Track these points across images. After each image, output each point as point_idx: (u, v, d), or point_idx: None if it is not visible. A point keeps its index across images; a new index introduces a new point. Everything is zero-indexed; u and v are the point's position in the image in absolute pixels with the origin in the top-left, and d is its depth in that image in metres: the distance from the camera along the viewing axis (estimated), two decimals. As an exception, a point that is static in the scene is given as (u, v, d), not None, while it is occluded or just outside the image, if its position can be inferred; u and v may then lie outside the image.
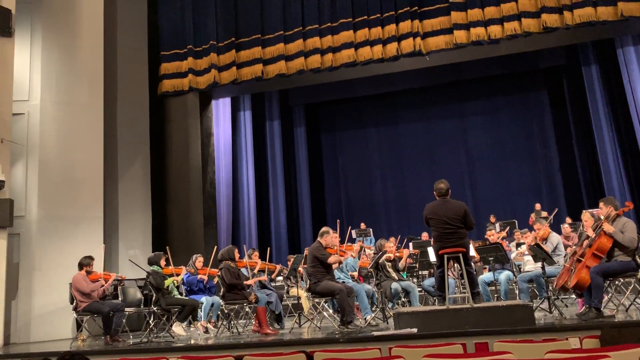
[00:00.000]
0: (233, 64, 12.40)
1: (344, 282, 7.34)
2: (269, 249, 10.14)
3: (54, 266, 9.34)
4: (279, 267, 9.55)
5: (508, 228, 11.54)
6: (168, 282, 7.74)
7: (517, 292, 7.96)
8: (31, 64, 10.08)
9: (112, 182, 11.08)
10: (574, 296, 7.48)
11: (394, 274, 8.14)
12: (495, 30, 11.12)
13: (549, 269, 7.20)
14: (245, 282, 7.67)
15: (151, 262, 7.84)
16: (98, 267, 8.08)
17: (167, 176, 12.59)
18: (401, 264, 8.54)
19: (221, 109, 14.48)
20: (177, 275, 7.98)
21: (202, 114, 12.98)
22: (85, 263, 7.73)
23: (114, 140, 11.29)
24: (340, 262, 7.12)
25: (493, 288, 8.23)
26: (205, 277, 8.34)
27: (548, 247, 7.48)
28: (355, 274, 8.39)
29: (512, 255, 8.70)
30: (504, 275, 7.98)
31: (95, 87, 10.54)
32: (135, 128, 11.84)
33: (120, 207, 11.18)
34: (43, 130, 9.87)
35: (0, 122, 8.67)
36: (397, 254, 8.52)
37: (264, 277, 8.36)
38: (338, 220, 8.06)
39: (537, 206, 12.97)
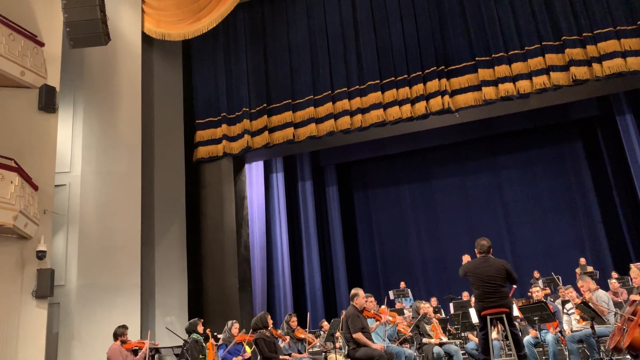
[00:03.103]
0: (265, 129, 12.71)
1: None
2: (308, 314, 9.93)
3: (93, 335, 9.36)
4: (317, 341, 9.30)
5: (552, 285, 11.11)
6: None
7: (566, 353, 7.55)
8: (73, 137, 10.53)
9: (149, 249, 11.22)
10: (628, 357, 7.04)
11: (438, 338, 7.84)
12: (524, 85, 11.15)
13: (599, 328, 6.84)
14: (281, 357, 7.43)
15: (189, 330, 7.77)
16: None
17: (202, 240, 12.72)
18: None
19: (254, 172, 14.72)
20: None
21: (236, 177, 13.21)
22: (120, 333, 7.72)
23: (151, 207, 11.52)
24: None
25: (540, 349, 7.84)
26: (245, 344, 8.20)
27: (602, 307, 7.11)
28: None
29: (565, 319, 8.29)
30: (551, 335, 7.61)
31: (133, 156, 10.90)
32: (171, 194, 12.09)
33: (157, 274, 11.26)
34: (83, 200, 10.17)
35: (43, 194, 8.97)
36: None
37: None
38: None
39: (582, 260, 12.49)
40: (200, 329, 7.88)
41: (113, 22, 10.64)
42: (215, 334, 9.23)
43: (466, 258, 6.65)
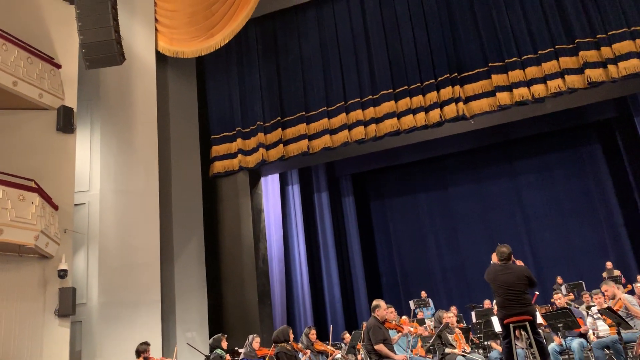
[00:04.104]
0: (280, 142, 12.76)
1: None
2: (331, 327, 9.87)
3: (115, 352, 9.40)
4: (337, 352, 9.23)
5: (575, 290, 10.93)
6: None
7: (593, 360, 7.41)
8: (91, 156, 10.66)
9: (168, 265, 11.28)
10: (657, 363, 6.88)
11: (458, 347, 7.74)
12: (538, 89, 11.06)
13: (626, 333, 6.70)
14: None
15: (213, 347, 7.77)
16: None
17: (220, 255, 12.75)
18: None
19: (270, 185, 14.76)
20: None
21: (252, 191, 13.26)
22: (142, 350, 7.74)
23: (169, 224, 11.60)
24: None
25: (566, 357, 7.70)
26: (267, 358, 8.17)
27: (636, 309, 6.98)
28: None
29: (589, 321, 8.14)
30: (576, 342, 7.47)
31: (150, 174, 11.00)
32: (189, 210, 12.16)
33: (177, 290, 11.29)
34: (103, 219, 10.26)
35: (63, 213, 9.08)
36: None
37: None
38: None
39: (608, 264, 12.25)
40: (224, 344, 7.87)
41: (127, 42, 10.80)
42: (236, 348, 9.22)
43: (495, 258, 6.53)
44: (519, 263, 6.49)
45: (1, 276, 8.14)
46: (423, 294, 13.81)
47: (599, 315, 7.52)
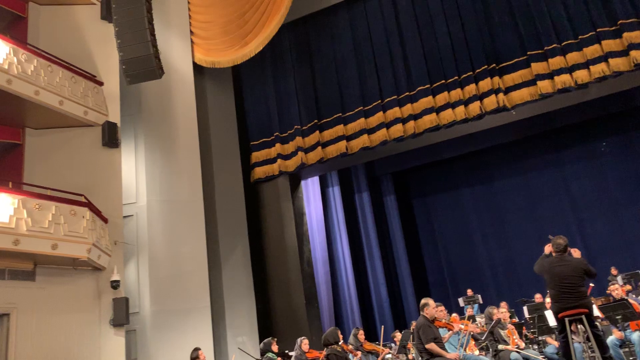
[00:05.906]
0: (318, 144, 12.79)
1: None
2: (382, 327, 9.81)
3: (169, 359, 9.60)
4: (386, 351, 9.16)
5: (632, 280, 10.52)
6: None
7: (656, 352, 7.10)
8: (136, 168, 10.93)
9: (216, 272, 11.45)
10: None
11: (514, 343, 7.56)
12: (581, 75, 10.73)
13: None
14: None
15: (264, 351, 7.83)
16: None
17: (265, 259, 12.88)
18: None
19: (310, 188, 14.81)
20: None
21: (293, 195, 13.34)
22: (194, 356, 7.88)
23: (214, 231, 11.77)
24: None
25: (627, 350, 7.41)
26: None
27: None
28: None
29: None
30: (636, 334, 7.18)
31: (194, 183, 11.21)
32: (233, 217, 12.32)
33: (225, 295, 11.45)
34: (151, 229, 10.50)
35: (113, 225, 9.34)
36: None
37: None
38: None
39: (662, 253, 11.77)
40: (275, 348, 7.93)
41: (165, 56, 11.03)
42: (286, 351, 9.28)
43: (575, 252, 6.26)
44: (576, 252, 6.23)
45: (58, 289, 8.44)
46: (469, 291, 13.57)
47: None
